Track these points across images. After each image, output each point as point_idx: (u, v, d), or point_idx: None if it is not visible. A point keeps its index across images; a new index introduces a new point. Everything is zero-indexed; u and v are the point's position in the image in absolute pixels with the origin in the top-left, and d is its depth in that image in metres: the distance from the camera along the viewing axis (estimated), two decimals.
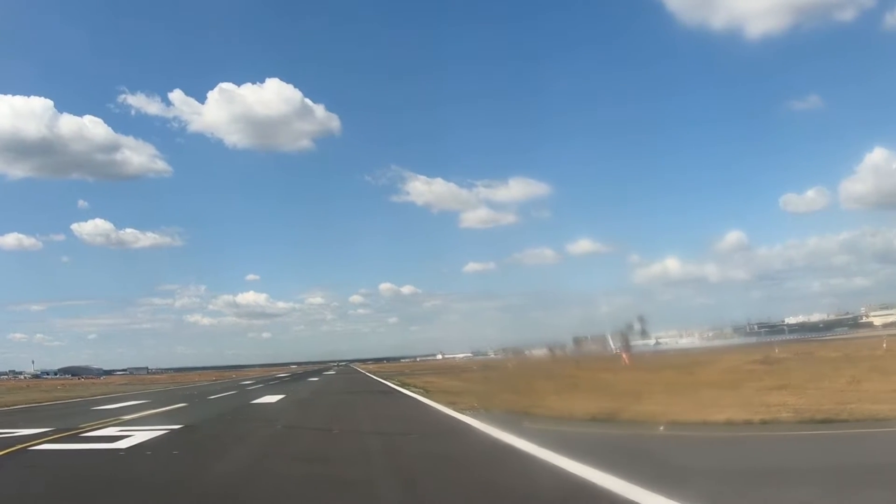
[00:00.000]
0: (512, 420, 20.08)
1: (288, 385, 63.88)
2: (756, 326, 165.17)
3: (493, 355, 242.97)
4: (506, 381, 47.50)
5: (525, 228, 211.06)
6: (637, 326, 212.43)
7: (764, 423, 17.00)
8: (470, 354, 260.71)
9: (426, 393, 39.12)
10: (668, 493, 9.35)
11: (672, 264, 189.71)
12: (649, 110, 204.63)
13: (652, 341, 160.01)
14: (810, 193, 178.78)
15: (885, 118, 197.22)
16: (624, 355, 65.29)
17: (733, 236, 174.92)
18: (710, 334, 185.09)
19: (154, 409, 32.57)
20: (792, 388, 23.98)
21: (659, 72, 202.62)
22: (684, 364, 51.72)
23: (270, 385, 65.23)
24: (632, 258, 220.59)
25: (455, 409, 25.62)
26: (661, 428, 17.18)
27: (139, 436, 19.76)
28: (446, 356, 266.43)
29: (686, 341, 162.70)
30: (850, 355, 35.93)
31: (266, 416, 28.07)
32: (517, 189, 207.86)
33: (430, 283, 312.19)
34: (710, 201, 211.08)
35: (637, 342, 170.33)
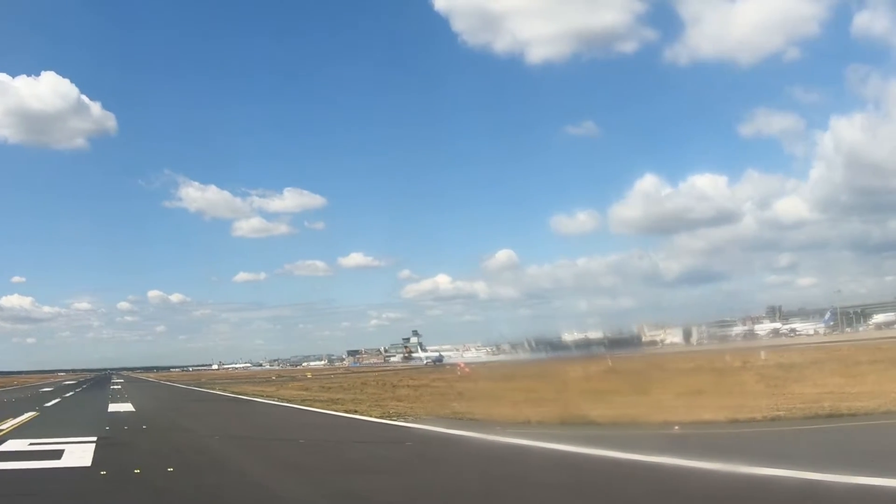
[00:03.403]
0: (477, 426, 18.62)
1: (104, 392, 56.97)
2: (534, 343, 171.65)
3: (267, 366, 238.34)
4: (362, 389, 45.56)
5: (298, 239, 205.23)
6: (414, 340, 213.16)
7: (772, 419, 16.78)
8: (248, 364, 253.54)
9: (295, 401, 36.23)
10: None
11: (443, 280, 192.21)
12: (427, 128, 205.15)
13: (435, 354, 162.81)
14: (581, 216, 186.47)
15: (656, 147, 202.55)
16: (462, 366, 65.39)
17: (504, 254, 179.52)
18: (487, 349, 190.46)
19: (12, 419, 27.33)
20: (713, 394, 23.85)
21: (440, 90, 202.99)
22: (527, 375, 51.76)
23: (80, 393, 58.12)
24: (403, 273, 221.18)
25: (372, 417, 24.17)
26: (676, 428, 16.51)
27: (75, 451, 16.21)
28: (224, 366, 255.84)
29: (471, 355, 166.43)
30: (702, 367, 37.09)
31: (173, 426, 24.60)
32: (292, 200, 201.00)
33: (199, 292, 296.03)
34: (484, 219, 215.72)
35: (419, 355, 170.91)
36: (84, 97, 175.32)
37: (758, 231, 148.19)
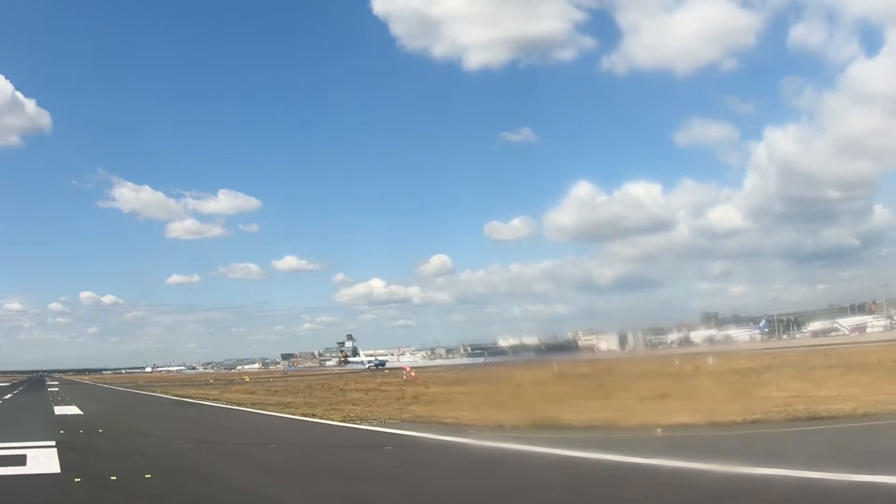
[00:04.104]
0: (449, 430, 18.34)
1: (42, 394, 54.20)
2: (470, 348, 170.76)
3: (201, 369, 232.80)
4: (310, 392, 44.51)
5: (232, 242, 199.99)
6: (349, 344, 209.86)
7: (752, 423, 16.63)
8: (182, 367, 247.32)
9: (245, 404, 35.00)
10: None
11: (377, 284, 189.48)
12: (363, 132, 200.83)
13: (377, 358, 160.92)
14: (515, 222, 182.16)
15: (592, 155, 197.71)
16: (408, 370, 64.78)
17: (438, 259, 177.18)
18: (423, 354, 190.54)
19: None
20: (678, 398, 23.41)
21: (378, 94, 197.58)
22: (475, 379, 51.15)
23: (19, 395, 54.99)
24: (337, 277, 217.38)
25: (333, 420, 23.31)
26: (659, 431, 16.15)
27: (38, 456, 15.14)
28: (158, 369, 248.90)
29: (407, 359, 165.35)
30: (653, 371, 36.92)
31: (130, 430, 23.26)
32: (226, 201, 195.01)
33: (132, 294, 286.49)
34: (419, 224, 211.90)
35: (361, 358, 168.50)
36: (19, 94, 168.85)
37: (691, 239, 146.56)
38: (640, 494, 10.03)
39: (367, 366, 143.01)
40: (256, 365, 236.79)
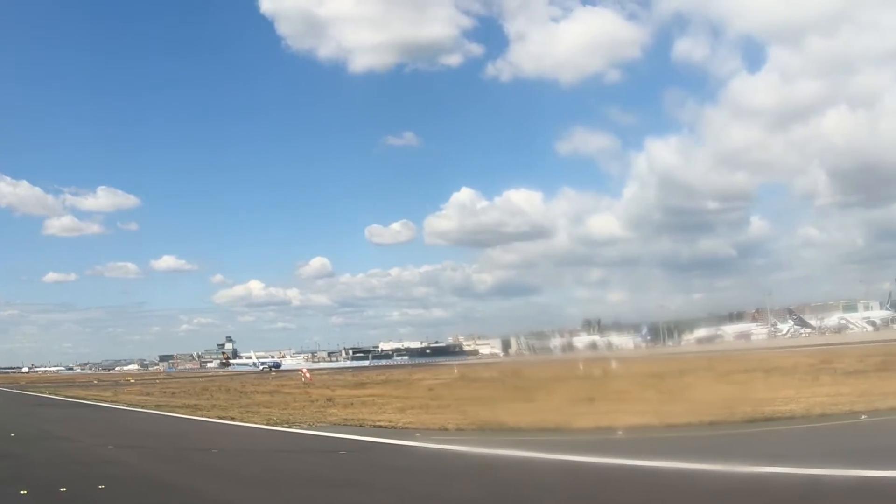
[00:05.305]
0: (391, 434, 17.43)
1: None
2: (351, 351, 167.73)
3: (79, 370, 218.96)
4: (210, 394, 42.07)
5: (110, 240, 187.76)
6: (229, 346, 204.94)
7: (710, 424, 15.94)
8: (61, 368, 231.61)
9: (148, 406, 32.52)
10: None
11: (255, 286, 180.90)
12: (244, 130, 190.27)
13: (271, 360, 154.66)
14: (396, 226, 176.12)
15: (475, 161, 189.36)
16: (304, 372, 62.54)
17: (318, 262, 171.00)
18: (304, 356, 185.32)
19: None
20: (608, 401, 22.74)
21: (261, 93, 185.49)
22: (377, 382, 50.02)
23: None
24: (215, 278, 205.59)
25: (258, 424, 21.91)
26: (619, 433, 15.59)
27: None
28: (36, 369, 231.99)
29: (290, 362, 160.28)
30: (561, 375, 36.29)
31: (43, 434, 21.09)
32: (105, 199, 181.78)
33: (6, 291, 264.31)
34: (298, 226, 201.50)
35: (253, 360, 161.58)
36: None
37: (571, 246, 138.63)
38: (657, 495, 9.37)
39: (262, 368, 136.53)
40: (135, 366, 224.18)
